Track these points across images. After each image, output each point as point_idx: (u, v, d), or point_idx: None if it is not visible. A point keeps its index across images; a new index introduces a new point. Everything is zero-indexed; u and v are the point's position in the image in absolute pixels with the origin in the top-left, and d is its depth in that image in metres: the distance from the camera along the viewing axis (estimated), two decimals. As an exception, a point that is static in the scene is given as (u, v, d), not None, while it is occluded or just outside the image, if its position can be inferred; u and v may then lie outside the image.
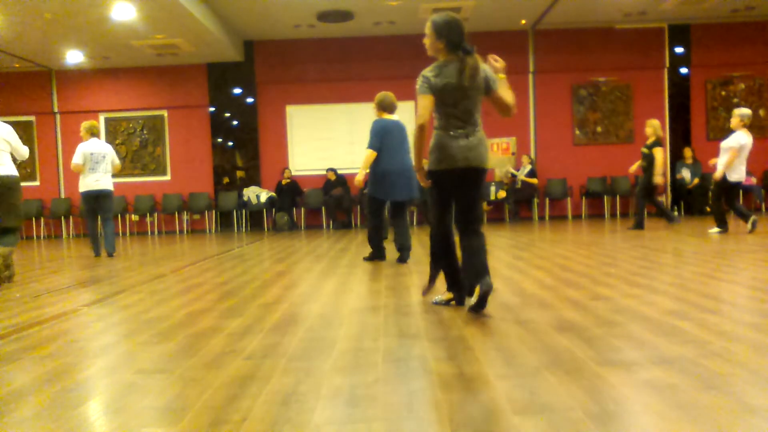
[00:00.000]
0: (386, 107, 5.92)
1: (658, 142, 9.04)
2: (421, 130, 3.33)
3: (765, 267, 4.97)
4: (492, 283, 3.38)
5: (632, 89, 13.00)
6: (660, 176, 8.98)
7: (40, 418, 2.04)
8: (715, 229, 8.05)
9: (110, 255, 7.88)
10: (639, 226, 9.10)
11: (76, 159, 7.65)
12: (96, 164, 7.66)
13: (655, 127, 9.16)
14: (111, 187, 7.83)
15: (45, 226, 13.25)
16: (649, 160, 9.06)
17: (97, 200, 7.74)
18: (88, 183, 7.67)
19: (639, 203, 9.33)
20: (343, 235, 10.46)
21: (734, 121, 7.94)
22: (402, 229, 6.08)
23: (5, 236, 5.70)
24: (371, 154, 5.80)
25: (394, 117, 5.95)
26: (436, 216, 3.64)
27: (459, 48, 3.34)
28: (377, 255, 6.24)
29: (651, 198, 9.32)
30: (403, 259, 6.01)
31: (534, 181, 12.47)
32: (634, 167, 9.41)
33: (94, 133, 7.80)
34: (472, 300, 3.42)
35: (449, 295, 3.72)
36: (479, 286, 3.33)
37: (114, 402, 2.21)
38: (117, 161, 7.91)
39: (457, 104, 3.37)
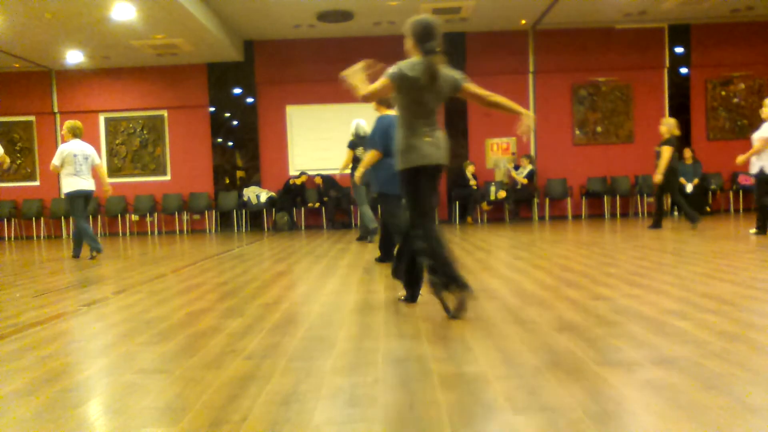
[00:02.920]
0: (385, 101, 5.67)
1: (669, 141, 8.82)
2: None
3: (765, 267, 4.97)
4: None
5: (632, 89, 12.99)
6: (660, 175, 8.74)
7: (40, 418, 2.04)
8: (754, 230, 7.60)
9: (76, 257, 7.73)
10: (656, 225, 8.91)
11: (55, 160, 7.58)
12: (80, 165, 7.58)
13: (669, 125, 8.95)
14: (94, 188, 7.77)
15: (45, 226, 13.24)
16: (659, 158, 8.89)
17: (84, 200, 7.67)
18: (75, 183, 7.55)
19: (656, 202, 9.13)
20: (343, 235, 10.46)
21: (765, 111, 7.45)
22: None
23: None
24: (375, 156, 5.54)
25: (393, 113, 5.80)
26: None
27: (426, 48, 3.48)
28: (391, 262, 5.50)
29: (673, 197, 9.02)
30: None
31: (525, 180, 12.41)
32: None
33: (77, 134, 7.70)
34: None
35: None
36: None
37: (114, 402, 2.21)
38: (97, 161, 7.80)
39: (423, 102, 3.50)
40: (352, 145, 8.09)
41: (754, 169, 7.57)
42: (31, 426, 1.98)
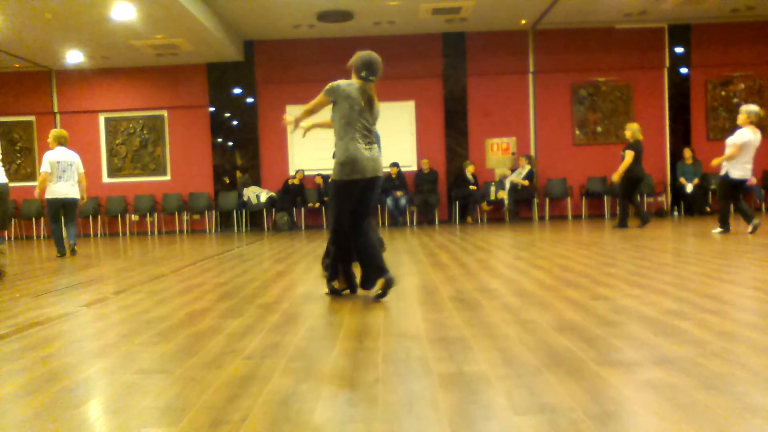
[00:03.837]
0: None
1: (632, 146, 9.31)
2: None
3: (765, 267, 4.97)
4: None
5: (632, 89, 12.99)
6: (617, 176, 9.29)
7: (40, 418, 2.04)
8: (718, 229, 7.93)
9: (72, 250, 8.12)
10: (622, 224, 9.40)
11: (44, 168, 7.81)
12: (63, 172, 7.86)
13: (633, 130, 9.44)
14: (77, 195, 8.07)
15: (45, 226, 13.23)
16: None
17: (63, 207, 7.98)
18: (56, 190, 7.87)
19: (632, 203, 9.65)
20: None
21: (741, 118, 7.70)
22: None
23: None
24: None
25: None
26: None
27: (361, 76, 3.98)
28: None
29: (630, 197, 9.54)
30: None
31: (526, 182, 12.41)
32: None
33: (62, 142, 8.00)
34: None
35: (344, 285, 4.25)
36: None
37: (114, 402, 2.21)
38: (82, 169, 8.11)
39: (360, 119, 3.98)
40: None
41: (722, 171, 7.89)
42: (31, 426, 1.98)
